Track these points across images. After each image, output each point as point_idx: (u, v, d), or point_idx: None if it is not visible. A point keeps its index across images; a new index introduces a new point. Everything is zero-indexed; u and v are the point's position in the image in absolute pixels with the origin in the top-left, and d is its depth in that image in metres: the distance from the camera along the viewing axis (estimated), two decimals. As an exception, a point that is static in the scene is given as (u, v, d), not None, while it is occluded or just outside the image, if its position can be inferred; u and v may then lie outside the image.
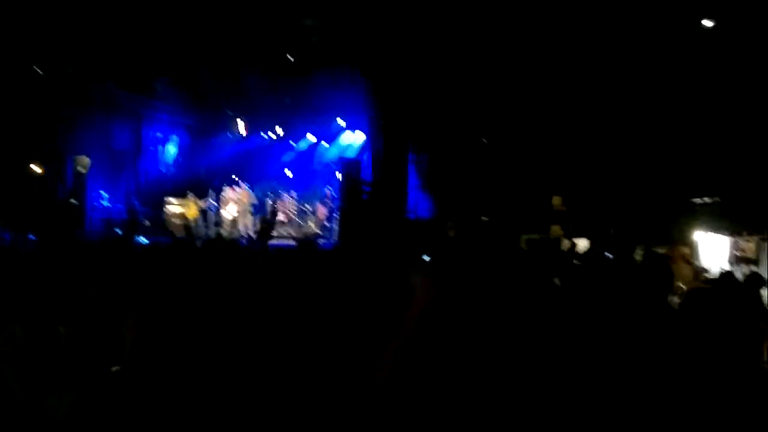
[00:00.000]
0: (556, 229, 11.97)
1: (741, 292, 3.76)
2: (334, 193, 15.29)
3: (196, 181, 16.26)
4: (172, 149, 16.95)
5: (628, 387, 2.57)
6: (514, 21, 11.20)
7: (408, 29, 11.59)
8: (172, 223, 14.61)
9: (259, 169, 17.26)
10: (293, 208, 16.34)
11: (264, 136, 17.36)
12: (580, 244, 10.34)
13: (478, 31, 11.54)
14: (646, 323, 3.08)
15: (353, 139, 16.86)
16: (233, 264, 4.39)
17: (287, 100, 15.90)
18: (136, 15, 11.45)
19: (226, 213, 15.30)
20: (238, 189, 15.47)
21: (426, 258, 4.27)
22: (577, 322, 3.23)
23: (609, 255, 6.41)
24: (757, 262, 8.45)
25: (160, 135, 16.52)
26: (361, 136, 16.35)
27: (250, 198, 15.45)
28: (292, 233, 15.37)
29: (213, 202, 15.37)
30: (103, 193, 14.10)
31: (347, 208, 12.88)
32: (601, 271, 4.81)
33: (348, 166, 13.60)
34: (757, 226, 8.85)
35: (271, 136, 17.30)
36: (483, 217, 12.94)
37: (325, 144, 17.43)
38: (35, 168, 12.31)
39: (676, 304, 3.64)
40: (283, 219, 16.07)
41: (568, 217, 12.23)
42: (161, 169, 16.57)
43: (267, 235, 13.36)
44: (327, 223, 15.45)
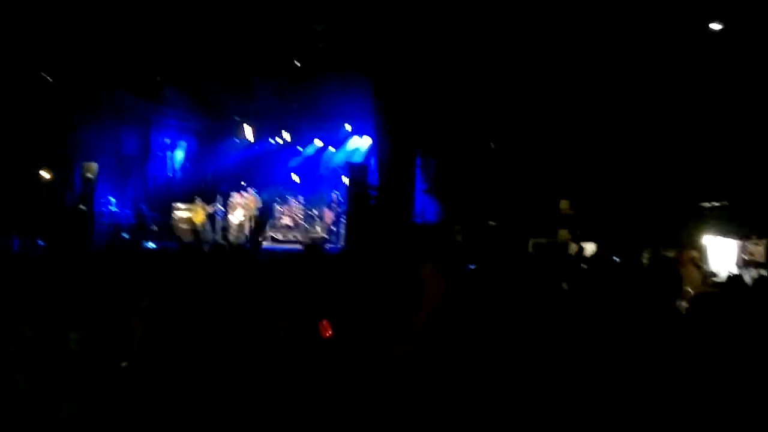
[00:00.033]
0: (563, 233, 11.93)
1: (749, 297, 3.74)
2: (340, 197, 15.31)
3: (203, 186, 16.32)
4: (180, 154, 17.00)
5: (635, 391, 2.56)
6: (522, 26, 11.19)
7: (415, 33, 11.59)
8: (179, 228, 14.67)
9: (266, 174, 17.30)
10: (300, 212, 16.38)
11: (271, 141, 17.40)
12: (588, 248, 10.32)
13: (486, 36, 11.54)
14: (653, 328, 3.07)
15: (360, 144, 16.87)
16: (237, 268, 4.42)
17: (294, 105, 15.93)
18: (146, 21, 11.51)
19: (234, 218, 15.35)
20: (246, 194, 15.52)
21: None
22: (584, 327, 3.23)
23: (616, 259, 6.39)
24: (765, 265, 8.40)
25: (168, 140, 16.55)
26: (367, 140, 16.35)
27: (257, 203, 15.49)
28: (299, 237, 15.41)
29: (220, 207, 15.42)
30: (111, 199, 14.14)
31: (354, 212, 12.87)
32: (608, 275, 4.80)
33: (355, 170, 13.56)
34: (765, 229, 8.81)
35: (279, 141, 17.34)
36: (491, 222, 12.91)
37: (332, 149, 17.47)
38: (44, 174, 12.36)
39: (684, 308, 3.63)
40: (289, 223, 16.11)
41: (576, 221, 12.20)
42: (169, 174, 16.62)
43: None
44: (334, 228, 15.47)
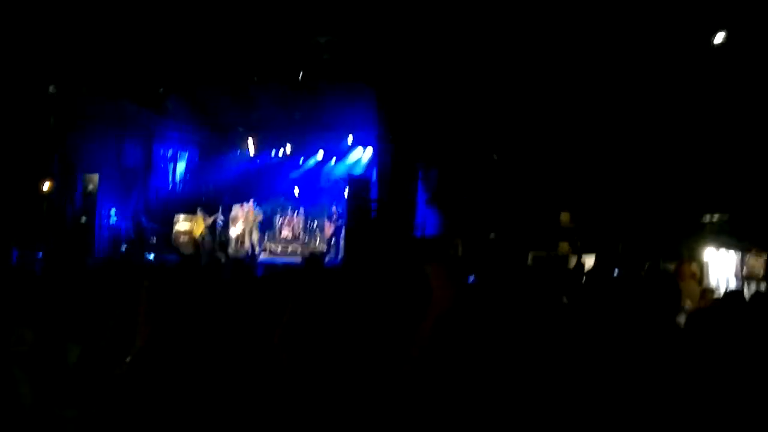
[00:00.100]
0: (564, 246, 11.93)
1: (747, 313, 3.72)
2: (340, 210, 15.28)
3: (204, 198, 16.32)
4: (181, 166, 17.02)
5: (633, 405, 2.54)
6: (525, 39, 11.22)
7: (418, 45, 11.62)
8: (180, 240, 14.65)
9: (267, 186, 17.31)
10: (300, 225, 16.37)
11: (273, 153, 17.42)
12: (589, 261, 10.30)
13: (488, 48, 11.57)
14: (651, 343, 3.05)
15: (361, 156, 16.88)
16: (235, 281, 4.41)
17: (297, 115, 15.95)
18: (149, 32, 11.55)
19: (233, 230, 15.33)
20: (246, 206, 15.52)
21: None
22: (583, 342, 3.21)
23: (616, 272, 6.39)
24: (766, 279, 8.38)
25: (170, 152, 16.57)
26: (369, 152, 16.36)
27: (257, 215, 15.48)
28: (297, 250, 15.40)
29: (221, 219, 15.41)
30: (112, 211, 14.14)
31: (354, 225, 12.82)
32: (607, 289, 4.78)
33: (356, 183, 13.53)
34: (765, 243, 8.79)
35: (280, 153, 17.36)
36: (491, 234, 12.90)
37: (332, 162, 17.47)
38: (45, 185, 12.35)
39: (682, 323, 3.61)
40: (289, 236, 16.10)
41: (577, 233, 12.19)
42: (170, 186, 16.62)
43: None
44: (333, 241, 15.45)
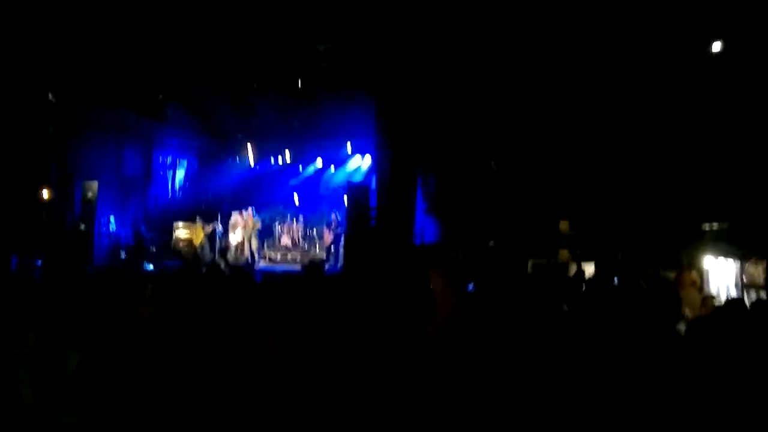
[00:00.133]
0: (564, 253, 11.91)
1: (748, 321, 3.72)
2: (340, 218, 15.28)
3: (204, 205, 16.31)
4: (180, 174, 17.02)
5: (633, 412, 2.53)
6: (523, 48, 11.25)
7: (417, 53, 11.65)
8: (179, 247, 14.64)
9: (266, 193, 17.31)
10: (299, 232, 16.36)
11: (272, 161, 17.43)
12: (589, 269, 10.29)
13: (486, 56, 11.60)
14: (652, 351, 3.05)
15: (361, 164, 16.89)
16: (234, 289, 4.41)
17: (296, 123, 15.96)
18: (149, 39, 11.57)
19: (233, 237, 15.33)
20: (245, 213, 15.52)
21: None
22: (584, 349, 3.20)
23: (616, 280, 6.38)
24: (766, 287, 8.35)
25: (169, 159, 16.58)
26: (368, 160, 16.37)
27: (255, 223, 15.48)
28: (297, 258, 15.39)
29: (220, 227, 15.41)
30: (111, 219, 14.13)
31: (353, 233, 12.80)
32: (607, 297, 4.77)
33: (355, 190, 13.52)
34: (765, 251, 8.77)
35: (279, 161, 17.37)
36: (490, 242, 12.88)
37: (332, 169, 17.48)
38: (44, 193, 12.34)
39: (683, 331, 3.61)
40: (288, 243, 16.09)
41: (576, 241, 12.18)
42: (170, 193, 16.62)
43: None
44: (332, 249, 15.43)
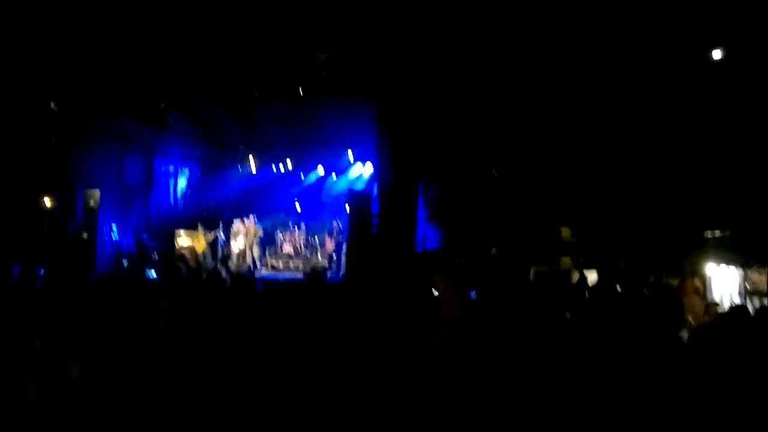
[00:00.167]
0: (566, 261, 11.89)
1: (751, 328, 3.70)
2: (342, 225, 15.27)
3: (206, 213, 16.32)
4: (182, 182, 17.03)
5: (636, 420, 2.52)
6: (524, 55, 11.27)
7: (418, 60, 11.67)
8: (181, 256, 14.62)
9: (268, 201, 17.32)
10: (302, 240, 16.35)
11: (274, 168, 17.44)
12: (591, 276, 10.27)
13: (487, 64, 11.62)
14: (655, 358, 3.03)
15: (362, 171, 16.90)
16: (236, 296, 4.40)
17: (297, 131, 15.98)
18: (151, 48, 11.61)
19: (235, 245, 15.33)
20: (247, 221, 15.52)
21: None
22: (587, 358, 3.18)
23: (619, 288, 6.34)
24: (768, 294, 8.34)
25: (171, 168, 16.59)
26: (370, 167, 16.38)
27: (257, 231, 15.48)
28: (299, 266, 15.37)
29: (222, 234, 15.41)
30: (114, 227, 14.12)
31: (355, 241, 12.79)
32: (610, 305, 4.75)
33: (356, 198, 13.52)
34: (767, 258, 8.75)
35: (281, 168, 17.38)
36: (492, 249, 12.86)
37: (333, 177, 17.49)
38: (46, 201, 12.35)
39: (686, 339, 3.59)
40: (290, 251, 16.08)
41: (578, 248, 12.16)
42: (171, 202, 16.62)
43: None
44: (334, 257, 15.42)
